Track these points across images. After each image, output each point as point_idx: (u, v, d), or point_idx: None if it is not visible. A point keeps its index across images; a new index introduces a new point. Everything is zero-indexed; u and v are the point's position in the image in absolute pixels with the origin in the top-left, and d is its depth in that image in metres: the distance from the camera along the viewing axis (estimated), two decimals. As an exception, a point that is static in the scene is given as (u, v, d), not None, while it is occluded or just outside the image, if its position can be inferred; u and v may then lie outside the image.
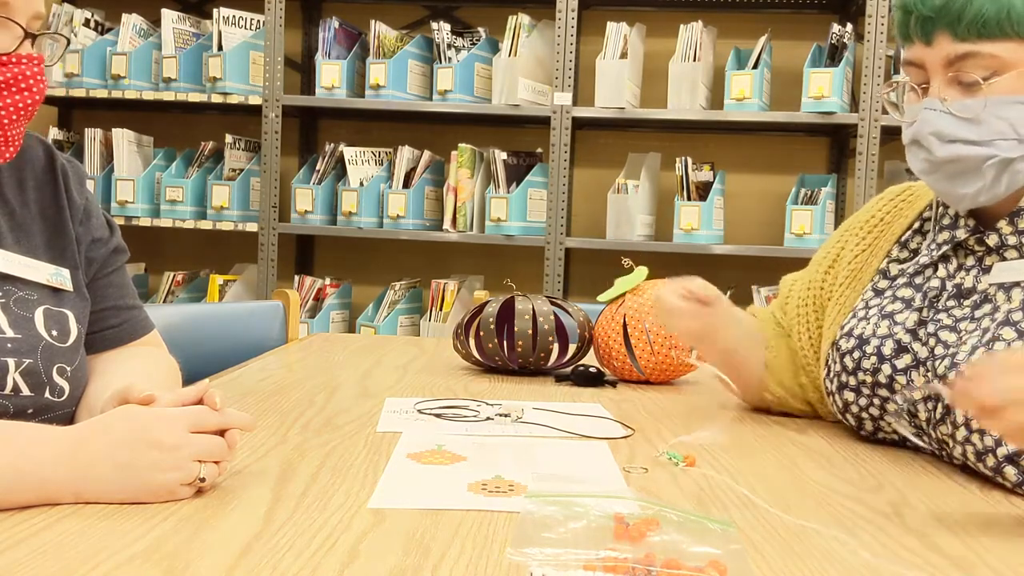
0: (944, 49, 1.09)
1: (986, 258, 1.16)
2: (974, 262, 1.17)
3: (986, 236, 1.15)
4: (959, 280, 1.17)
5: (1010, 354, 1.00)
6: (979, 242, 1.16)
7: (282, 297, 2.13)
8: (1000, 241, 1.14)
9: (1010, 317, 1.09)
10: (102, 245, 1.25)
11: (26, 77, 1.07)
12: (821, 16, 3.60)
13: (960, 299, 1.16)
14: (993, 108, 1.08)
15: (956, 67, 1.09)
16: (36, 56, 1.08)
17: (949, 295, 1.17)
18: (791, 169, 3.63)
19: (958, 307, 1.16)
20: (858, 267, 1.32)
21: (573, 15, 3.38)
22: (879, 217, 1.34)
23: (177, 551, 0.76)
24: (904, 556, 0.82)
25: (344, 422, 1.28)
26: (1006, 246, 1.14)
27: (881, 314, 1.22)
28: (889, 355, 1.18)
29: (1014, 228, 1.13)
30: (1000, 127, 1.08)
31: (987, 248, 1.16)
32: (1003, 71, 1.07)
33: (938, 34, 1.09)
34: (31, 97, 1.08)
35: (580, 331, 1.79)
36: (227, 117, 3.88)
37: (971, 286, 1.16)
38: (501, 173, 3.49)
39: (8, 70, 1.06)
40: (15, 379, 1.07)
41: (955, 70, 1.09)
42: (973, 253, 1.17)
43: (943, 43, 1.09)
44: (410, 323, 3.67)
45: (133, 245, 1.37)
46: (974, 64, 1.08)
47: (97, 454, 0.87)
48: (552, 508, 0.81)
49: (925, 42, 1.11)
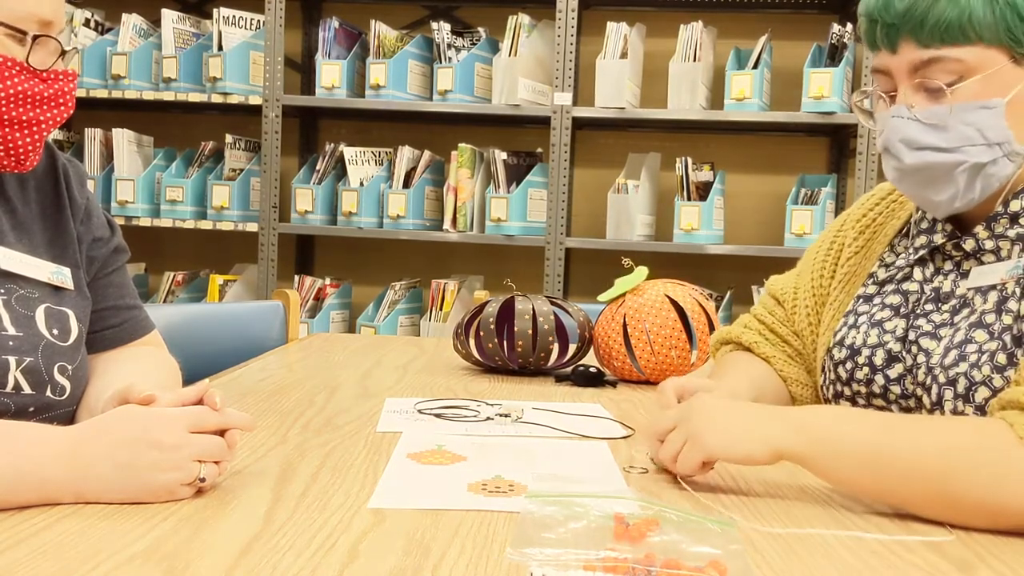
0: (909, 56, 1.08)
1: (964, 263, 1.15)
2: (952, 267, 1.16)
3: (963, 241, 1.14)
4: (937, 284, 1.17)
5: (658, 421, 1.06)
6: (956, 247, 1.15)
7: (282, 297, 2.14)
8: (977, 246, 1.13)
9: (983, 319, 1.09)
10: (103, 245, 1.25)
11: (64, 93, 1.12)
12: (821, 16, 3.60)
13: (939, 303, 1.15)
14: (959, 114, 1.07)
15: (921, 73, 1.08)
16: (71, 72, 1.13)
17: (927, 299, 1.16)
18: (791, 169, 3.63)
19: (937, 312, 1.15)
20: (852, 270, 1.31)
21: (573, 15, 3.38)
22: (871, 218, 1.33)
23: (177, 551, 0.76)
24: (904, 556, 0.82)
25: (344, 422, 1.28)
26: (983, 251, 1.13)
27: (871, 322, 1.20)
28: (881, 365, 1.17)
29: (991, 233, 1.12)
30: (967, 132, 1.07)
31: (964, 253, 1.15)
32: (968, 75, 1.06)
33: (902, 41, 1.08)
34: (67, 111, 1.13)
35: (580, 331, 1.79)
36: (227, 117, 3.88)
37: (949, 290, 1.15)
38: (501, 173, 3.49)
39: (49, 87, 1.10)
40: (16, 377, 1.07)
41: (920, 76, 1.08)
42: (951, 258, 1.17)
43: (908, 50, 1.08)
44: (410, 323, 3.67)
45: (133, 245, 1.37)
46: (939, 70, 1.07)
47: (97, 454, 0.87)
48: (552, 508, 0.82)
49: (891, 50, 1.10)
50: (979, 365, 1.06)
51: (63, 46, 1.11)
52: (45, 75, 1.09)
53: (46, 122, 1.10)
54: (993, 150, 1.08)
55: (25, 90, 1.08)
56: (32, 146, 1.10)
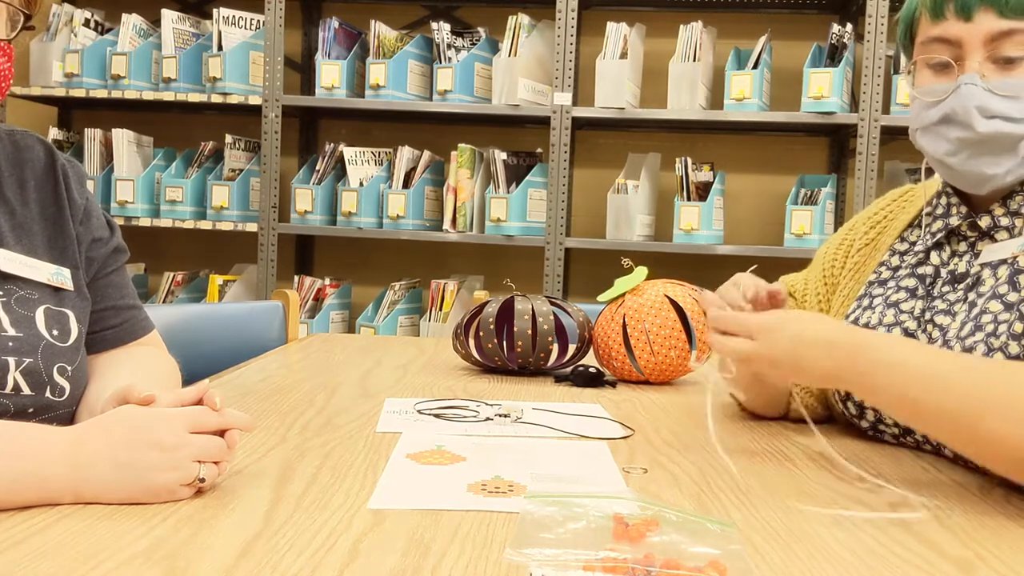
0: (987, 25, 1.10)
1: (978, 243, 1.19)
2: (967, 248, 1.20)
3: (979, 218, 1.18)
4: (952, 266, 1.20)
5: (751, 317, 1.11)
6: (972, 227, 1.19)
7: (282, 297, 2.13)
8: (992, 223, 1.17)
9: (996, 291, 1.12)
10: (102, 245, 1.25)
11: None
12: (821, 16, 3.60)
13: (954, 284, 1.19)
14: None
15: (996, 44, 1.10)
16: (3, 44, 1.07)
17: (944, 281, 1.20)
18: (791, 169, 3.63)
19: (952, 292, 1.19)
20: (862, 260, 1.35)
21: (573, 15, 3.38)
22: (883, 215, 1.37)
23: (177, 551, 0.76)
24: (904, 556, 0.82)
25: (344, 422, 1.28)
26: (998, 227, 1.17)
27: (886, 303, 1.24)
28: None
29: (1006, 209, 1.16)
30: None
31: (980, 232, 1.19)
32: None
33: (981, 10, 1.10)
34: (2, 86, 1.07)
35: (580, 331, 1.79)
36: (227, 117, 3.88)
37: (964, 271, 1.19)
38: (501, 173, 3.49)
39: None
40: (16, 378, 1.07)
41: (995, 47, 1.10)
42: (966, 239, 1.21)
43: (986, 20, 1.10)
44: (410, 323, 3.67)
45: (133, 245, 1.38)
46: (1016, 42, 1.09)
47: (97, 454, 0.87)
48: (552, 508, 0.81)
49: (964, 18, 1.11)
50: (996, 334, 1.09)
51: None
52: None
53: None
54: None
55: None
56: None
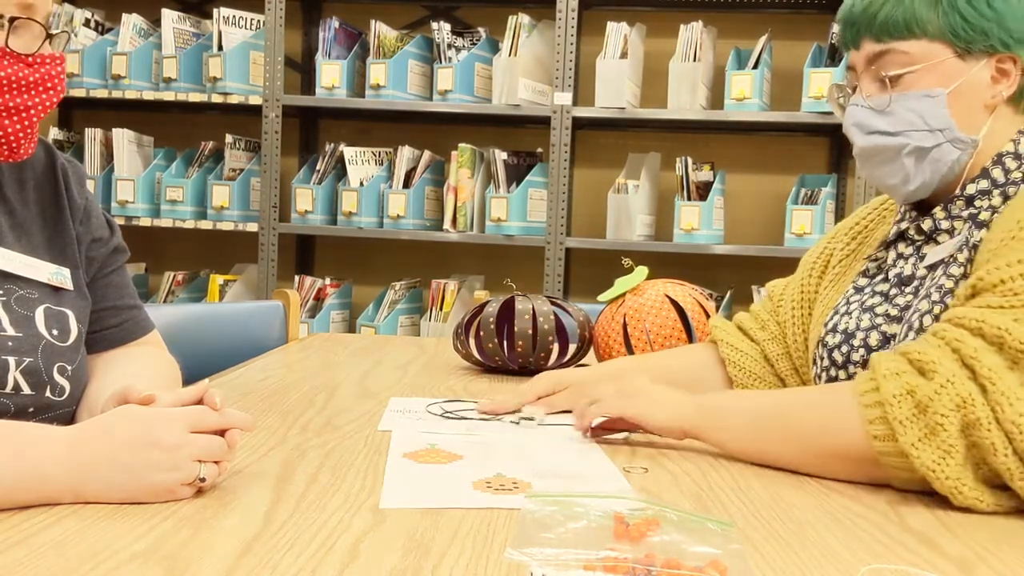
0: (866, 49, 1.21)
1: (924, 246, 1.23)
2: (912, 251, 1.24)
3: (921, 222, 1.22)
4: (899, 269, 1.24)
5: None
6: (917, 230, 1.23)
7: (282, 297, 2.14)
8: (934, 225, 1.21)
9: (929, 292, 1.16)
10: (102, 245, 1.25)
11: (51, 77, 1.10)
12: (821, 16, 3.60)
13: (902, 287, 1.23)
14: (902, 101, 1.18)
15: (875, 64, 1.20)
16: (59, 56, 1.11)
17: (892, 284, 1.24)
18: (791, 169, 3.63)
19: (901, 295, 1.22)
20: (842, 271, 1.37)
21: (573, 15, 3.38)
22: (862, 225, 1.40)
23: (177, 551, 0.76)
24: (903, 556, 0.82)
25: (344, 422, 1.28)
26: (939, 230, 1.21)
27: (862, 308, 1.26)
28: (876, 346, 1.22)
29: (947, 213, 1.20)
30: (910, 118, 1.18)
31: (925, 236, 1.23)
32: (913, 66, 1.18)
33: (863, 38, 1.21)
34: (56, 96, 1.11)
35: (580, 331, 1.79)
36: (227, 117, 3.88)
37: (910, 273, 1.23)
38: (501, 173, 3.49)
39: (35, 71, 1.08)
40: (16, 378, 1.07)
41: (877, 68, 1.20)
42: (913, 242, 1.24)
43: (867, 45, 1.21)
44: (410, 323, 3.67)
45: (133, 245, 1.38)
46: (889, 61, 1.19)
47: (97, 454, 0.87)
48: (552, 508, 0.81)
49: (854, 46, 1.23)
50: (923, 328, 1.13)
51: (48, 30, 1.09)
52: (30, 59, 1.07)
53: (35, 107, 1.09)
54: (935, 136, 1.18)
55: (9, 75, 1.06)
56: (24, 133, 1.09)
